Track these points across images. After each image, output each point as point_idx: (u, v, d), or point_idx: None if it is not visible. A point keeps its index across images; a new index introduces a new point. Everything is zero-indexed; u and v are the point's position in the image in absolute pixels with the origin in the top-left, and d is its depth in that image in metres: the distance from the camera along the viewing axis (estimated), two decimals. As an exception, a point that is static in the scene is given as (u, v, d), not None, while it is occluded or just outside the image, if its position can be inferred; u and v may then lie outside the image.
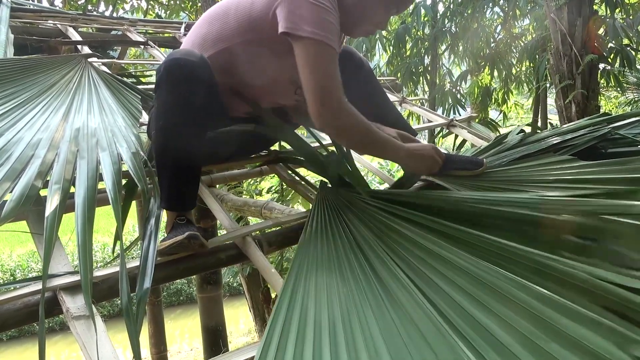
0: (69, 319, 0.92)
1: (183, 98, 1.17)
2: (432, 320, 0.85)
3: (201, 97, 1.19)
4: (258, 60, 1.30)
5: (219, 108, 1.33)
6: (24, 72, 1.60)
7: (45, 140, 1.21)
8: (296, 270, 1.03)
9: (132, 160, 1.19)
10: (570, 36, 4.01)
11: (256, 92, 1.38)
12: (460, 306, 0.88)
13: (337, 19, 1.21)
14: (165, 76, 1.17)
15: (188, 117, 1.18)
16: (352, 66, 1.55)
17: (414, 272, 0.99)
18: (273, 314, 0.91)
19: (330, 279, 1.00)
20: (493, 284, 0.91)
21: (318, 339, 0.84)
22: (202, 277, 3.13)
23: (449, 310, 0.87)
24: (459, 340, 0.80)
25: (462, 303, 0.88)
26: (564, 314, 0.81)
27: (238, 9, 1.28)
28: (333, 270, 1.03)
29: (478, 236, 1.04)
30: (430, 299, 0.91)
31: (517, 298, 0.87)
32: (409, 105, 2.34)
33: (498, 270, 0.94)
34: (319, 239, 1.14)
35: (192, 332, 8.00)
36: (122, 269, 0.95)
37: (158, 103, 1.20)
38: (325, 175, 1.41)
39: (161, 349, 3.77)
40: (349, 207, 1.24)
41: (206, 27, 1.33)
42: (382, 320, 0.87)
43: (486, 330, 0.82)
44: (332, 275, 1.01)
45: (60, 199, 1.01)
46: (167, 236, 1.15)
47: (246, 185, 3.70)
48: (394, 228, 1.13)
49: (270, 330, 0.87)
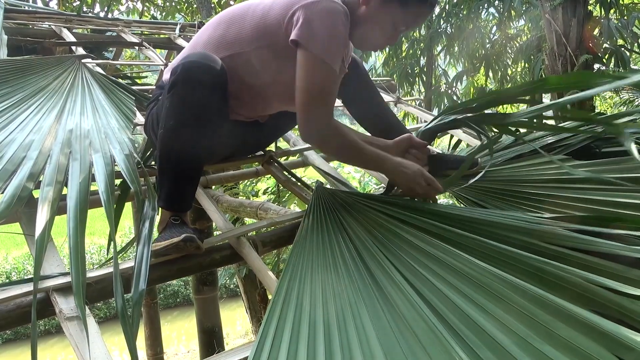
0: (62, 320, 0.91)
1: (198, 100, 1.18)
2: (425, 320, 0.85)
3: (215, 100, 1.22)
4: (271, 65, 1.31)
5: (225, 110, 1.33)
6: (16, 73, 1.60)
7: (38, 142, 1.21)
8: (291, 268, 1.03)
9: (125, 162, 1.19)
10: (565, 37, 4.02)
11: (267, 95, 1.39)
12: (455, 305, 0.88)
13: (346, 37, 1.27)
14: (182, 77, 1.18)
15: (200, 118, 1.19)
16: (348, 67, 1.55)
17: (410, 272, 0.99)
18: (268, 312, 0.91)
19: (325, 277, 1.00)
20: (488, 285, 0.91)
21: (312, 338, 0.84)
22: (199, 278, 3.12)
23: (443, 309, 0.87)
24: (453, 339, 0.80)
25: (456, 302, 0.88)
26: (558, 317, 0.81)
27: (255, 14, 1.30)
28: (328, 268, 1.03)
29: (474, 239, 1.04)
30: (426, 299, 0.91)
31: (512, 300, 0.87)
32: (404, 105, 2.35)
33: (494, 272, 0.94)
34: (315, 237, 1.14)
35: (189, 334, 7.97)
36: (116, 269, 0.95)
37: (170, 103, 1.20)
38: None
39: (157, 351, 3.76)
40: (345, 207, 1.24)
41: (222, 29, 1.33)
42: (376, 319, 0.87)
43: (481, 329, 0.82)
44: (327, 273, 1.01)
45: (52, 200, 1.00)
46: (161, 236, 1.15)
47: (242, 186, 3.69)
48: (389, 228, 1.13)
49: (265, 329, 0.87)
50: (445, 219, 1.14)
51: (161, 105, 1.29)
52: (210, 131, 1.22)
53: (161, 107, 1.27)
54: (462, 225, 1.11)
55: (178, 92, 1.19)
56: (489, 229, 1.09)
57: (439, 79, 6.41)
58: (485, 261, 0.98)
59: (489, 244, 1.02)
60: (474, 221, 1.13)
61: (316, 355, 0.80)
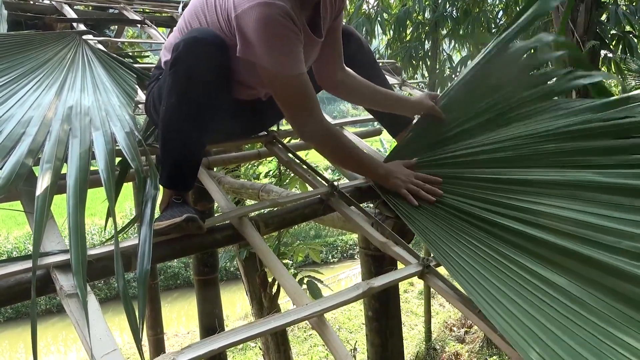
0: (63, 297, 0.90)
1: (200, 77, 1.15)
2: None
3: (218, 77, 1.19)
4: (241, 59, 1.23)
5: (228, 88, 1.31)
6: (16, 48, 1.57)
7: (37, 118, 1.19)
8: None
9: (126, 140, 1.17)
10: (572, 22, 3.96)
11: (255, 82, 1.35)
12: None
13: (294, 32, 1.14)
14: (185, 53, 1.15)
15: (202, 96, 1.17)
16: (352, 46, 1.52)
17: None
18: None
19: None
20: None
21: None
22: (199, 259, 3.12)
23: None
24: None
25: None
26: None
27: (208, 13, 1.23)
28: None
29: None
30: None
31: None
32: (409, 88, 2.31)
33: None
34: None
35: (189, 315, 8.04)
36: (117, 247, 0.94)
37: (173, 80, 1.17)
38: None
39: (157, 331, 3.78)
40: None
41: (196, 22, 1.28)
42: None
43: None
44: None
45: (51, 177, 0.99)
46: (163, 215, 1.13)
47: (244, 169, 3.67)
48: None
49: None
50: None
51: (162, 83, 1.26)
52: (213, 109, 1.20)
53: (162, 86, 1.25)
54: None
55: (180, 69, 1.16)
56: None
57: (443, 63, 6.33)
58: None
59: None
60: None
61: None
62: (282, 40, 1.14)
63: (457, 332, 6.11)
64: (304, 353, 6.05)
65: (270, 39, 1.12)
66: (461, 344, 5.80)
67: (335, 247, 10.38)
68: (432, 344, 5.83)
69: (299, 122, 1.27)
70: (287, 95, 1.22)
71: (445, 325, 6.37)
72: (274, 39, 1.13)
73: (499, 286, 0.96)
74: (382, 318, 1.56)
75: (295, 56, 1.17)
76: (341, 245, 10.45)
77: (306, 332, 6.49)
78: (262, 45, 1.12)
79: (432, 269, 1.06)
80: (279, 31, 1.12)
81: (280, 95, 1.23)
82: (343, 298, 0.96)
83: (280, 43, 1.14)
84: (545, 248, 1.02)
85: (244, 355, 6.03)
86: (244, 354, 6.04)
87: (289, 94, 1.21)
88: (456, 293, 1.00)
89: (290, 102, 1.23)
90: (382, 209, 1.38)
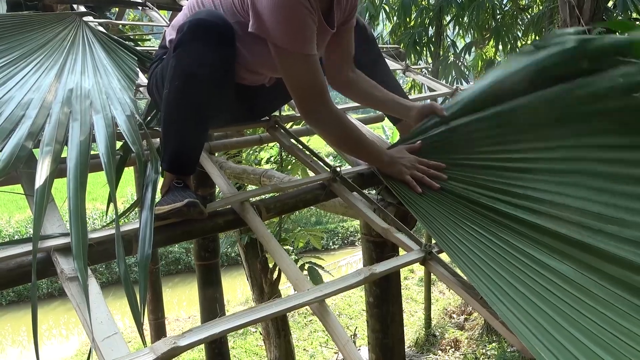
0: (64, 280, 0.90)
1: (205, 60, 1.13)
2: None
3: (223, 60, 1.17)
4: (252, 40, 1.23)
5: (232, 73, 1.29)
6: (15, 29, 1.55)
7: (37, 101, 1.18)
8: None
9: (127, 123, 1.16)
10: (578, 8, 3.91)
11: (262, 66, 1.34)
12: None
13: (309, 10, 1.13)
14: (190, 35, 1.13)
15: (207, 79, 1.15)
16: (355, 32, 1.50)
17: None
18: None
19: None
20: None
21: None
22: (200, 244, 3.12)
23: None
24: None
25: None
26: None
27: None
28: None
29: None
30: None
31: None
32: (412, 73, 2.29)
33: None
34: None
35: (190, 300, 8.10)
36: (117, 231, 0.93)
37: (177, 62, 1.15)
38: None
39: (159, 316, 3.81)
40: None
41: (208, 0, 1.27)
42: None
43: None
44: None
45: (51, 160, 0.98)
46: (164, 199, 1.12)
47: (245, 155, 3.66)
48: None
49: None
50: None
51: (166, 64, 1.24)
52: (217, 93, 1.18)
53: (165, 67, 1.23)
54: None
55: (184, 53, 1.14)
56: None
57: (447, 49, 6.28)
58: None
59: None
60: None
61: None
62: (297, 15, 1.11)
63: (456, 319, 6.15)
64: (304, 338, 6.10)
65: (284, 11, 1.10)
66: (461, 330, 5.85)
67: (336, 233, 10.41)
68: (432, 330, 5.88)
69: (306, 106, 1.24)
70: (296, 74, 1.19)
71: (445, 312, 6.41)
72: (289, 11, 1.10)
73: (501, 273, 0.95)
74: (383, 304, 1.56)
75: (308, 35, 1.15)
76: (342, 232, 10.48)
77: (306, 317, 6.54)
78: (275, 17, 1.10)
79: (435, 255, 1.05)
80: (294, 4, 1.10)
81: (289, 75, 1.20)
82: (344, 284, 0.96)
83: (294, 18, 1.11)
84: (549, 236, 1.02)
85: (245, 340, 6.08)
86: (245, 339, 6.09)
87: (298, 73, 1.19)
88: (458, 280, 1.00)
89: (299, 83, 1.20)
90: (385, 195, 1.37)
